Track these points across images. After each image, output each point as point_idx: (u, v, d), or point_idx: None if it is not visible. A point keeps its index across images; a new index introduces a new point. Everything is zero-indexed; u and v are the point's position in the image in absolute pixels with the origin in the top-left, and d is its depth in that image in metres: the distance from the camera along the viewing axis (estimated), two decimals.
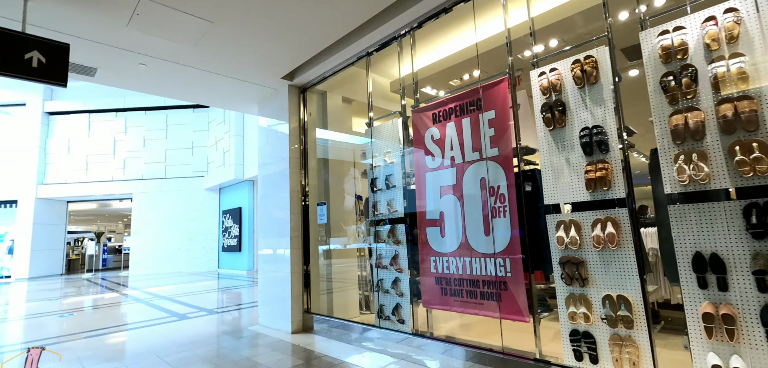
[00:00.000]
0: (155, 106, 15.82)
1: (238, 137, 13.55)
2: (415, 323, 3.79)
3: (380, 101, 5.44)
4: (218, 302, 7.12)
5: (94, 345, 4.36)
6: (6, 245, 15.35)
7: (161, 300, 7.55)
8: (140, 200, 15.39)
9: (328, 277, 4.89)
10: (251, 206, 13.64)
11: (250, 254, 13.40)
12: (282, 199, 4.66)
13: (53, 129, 15.80)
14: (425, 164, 3.77)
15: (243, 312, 5.97)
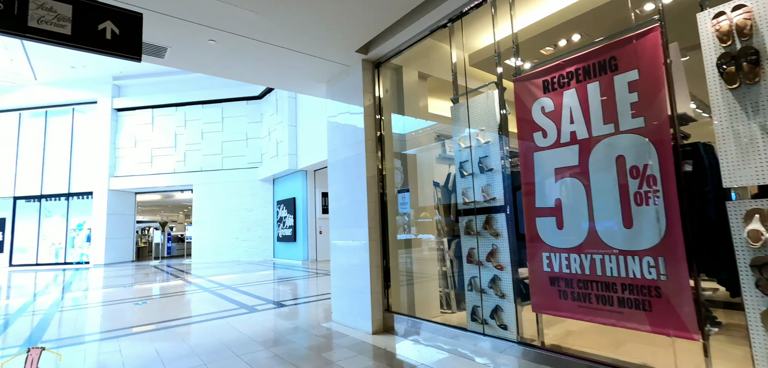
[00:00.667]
0: (211, 99, 16.25)
1: (291, 127, 13.52)
2: (519, 330, 3.23)
3: (459, 78, 4.85)
4: (283, 293, 6.95)
5: (170, 336, 4.23)
6: (84, 233, 16.59)
7: (226, 290, 7.55)
8: (200, 191, 15.94)
9: (404, 271, 4.43)
10: (305, 197, 13.61)
11: (305, 244, 13.39)
12: (357, 186, 4.24)
13: (121, 125, 16.74)
14: (533, 142, 3.15)
15: (311, 306, 5.70)
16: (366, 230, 4.08)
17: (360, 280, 4.13)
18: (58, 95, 16.77)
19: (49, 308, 6.52)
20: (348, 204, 4.40)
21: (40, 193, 16.85)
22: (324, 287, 7.56)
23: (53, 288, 9.26)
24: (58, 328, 5.03)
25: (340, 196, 4.57)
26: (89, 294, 8.02)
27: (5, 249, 16.76)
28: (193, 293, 7.53)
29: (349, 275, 4.33)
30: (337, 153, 4.67)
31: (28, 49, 14.03)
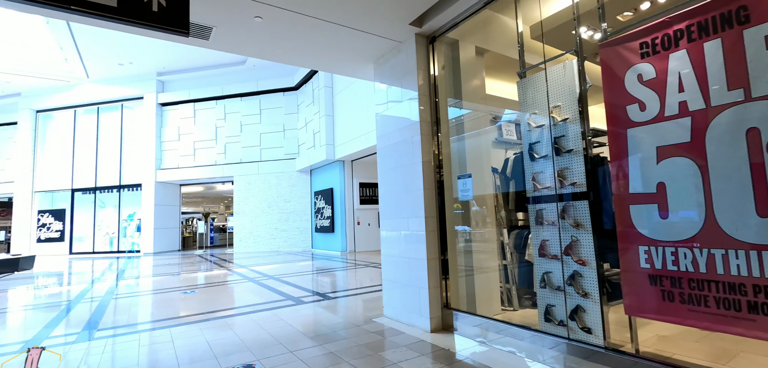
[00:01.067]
0: (249, 92, 16.45)
1: (327, 117, 13.39)
2: (607, 334, 2.80)
3: (514, 52, 4.39)
4: (326, 285, 6.80)
5: (220, 327, 4.13)
6: (135, 223, 17.43)
7: (270, 280, 7.51)
8: (240, 182, 16.26)
9: (462, 265, 4.07)
10: (343, 187, 13.49)
11: (343, 235, 13.30)
12: (411, 173, 3.92)
13: (166, 119, 17.34)
14: (626, 116, 2.69)
15: (358, 299, 5.48)
16: (422, 220, 3.76)
17: (415, 274, 3.83)
18: (108, 91, 17.60)
19: (104, 295, 6.73)
20: (401, 192, 4.09)
21: (94, 185, 17.86)
22: (366, 279, 7.35)
23: (108, 275, 9.69)
24: (114, 315, 5.10)
25: (391, 184, 4.27)
26: (141, 282, 8.27)
27: (65, 238, 17.94)
28: (237, 283, 7.55)
29: (402, 268, 4.03)
30: (388, 138, 4.36)
31: (80, 47, 14.74)
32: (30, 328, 4.63)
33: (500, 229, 4.42)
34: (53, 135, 18.65)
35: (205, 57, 15.87)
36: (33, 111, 18.56)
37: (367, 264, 9.67)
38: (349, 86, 12.59)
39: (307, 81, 15.22)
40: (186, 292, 6.60)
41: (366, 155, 12.80)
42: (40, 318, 5.11)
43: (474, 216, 4.11)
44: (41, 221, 18.18)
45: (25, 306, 6.12)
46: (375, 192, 14.10)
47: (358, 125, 12.07)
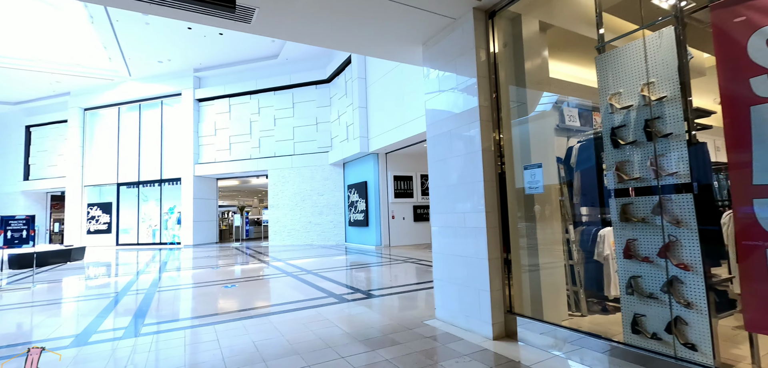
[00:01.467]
0: (282, 85, 16.48)
1: (361, 109, 13.15)
2: (716, 352, 2.36)
3: (582, 27, 3.92)
4: (367, 282, 6.57)
5: (265, 327, 3.96)
6: (175, 216, 18.01)
7: (308, 275, 7.38)
8: (274, 176, 16.39)
9: (526, 264, 3.68)
10: (377, 180, 13.24)
11: (378, 229, 13.08)
12: (469, 163, 3.56)
13: (203, 115, 17.73)
14: (749, 91, 2.21)
15: (403, 298, 5.19)
16: (482, 214, 3.39)
17: (474, 274, 3.48)
18: (149, 89, 18.19)
19: (149, 287, 6.81)
20: (456, 184, 3.74)
21: (137, 179, 18.59)
22: (407, 276, 7.06)
23: (152, 266, 9.95)
24: (158, 309, 5.08)
25: (444, 175, 3.92)
26: (183, 275, 8.38)
27: (112, 230, 18.82)
28: (276, 277, 7.47)
29: (458, 267, 3.69)
30: (440, 126, 4.00)
31: (123, 46, 15.24)
32: (80, 319, 4.66)
33: (565, 224, 3.98)
34: (100, 132, 19.55)
35: (238, 52, 16.04)
36: (81, 109, 19.52)
37: (404, 260, 9.38)
38: (384, 77, 12.28)
39: (340, 73, 15.04)
40: (227, 286, 6.57)
41: (400, 147, 12.48)
42: (90, 309, 5.18)
43: (537, 210, 3.70)
44: (90, 213, 19.16)
45: (77, 297, 6.28)
46: (410, 185, 13.77)
47: (392, 116, 11.76)
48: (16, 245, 7.15)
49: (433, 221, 4.09)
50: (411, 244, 13.47)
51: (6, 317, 5.07)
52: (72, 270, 9.97)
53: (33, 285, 7.37)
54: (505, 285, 3.43)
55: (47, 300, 6.06)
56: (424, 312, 4.34)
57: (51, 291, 6.78)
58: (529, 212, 3.63)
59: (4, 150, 21.75)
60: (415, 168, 13.95)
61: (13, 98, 20.44)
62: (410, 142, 11.61)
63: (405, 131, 10.95)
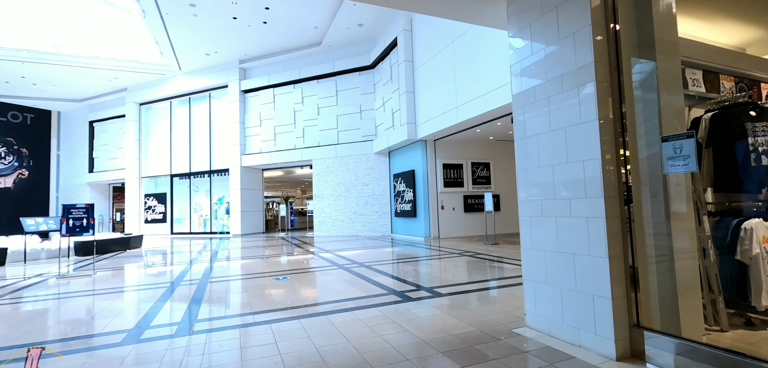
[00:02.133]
0: (326, 73, 16.18)
1: (408, 94, 12.51)
2: None
3: None
4: (427, 277, 5.99)
5: (327, 328, 3.50)
6: (224, 206, 18.42)
7: (361, 268, 6.93)
8: (318, 166, 16.20)
9: (653, 266, 2.91)
10: (425, 169, 12.58)
11: (426, 220, 12.45)
12: (577, 137, 2.85)
13: (249, 105, 17.88)
14: None
15: (475, 298, 4.56)
16: (599, 201, 2.68)
17: (586, 276, 2.78)
18: (198, 82, 18.62)
19: (201, 277, 6.67)
20: (557, 164, 3.04)
21: (189, 171, 19.19)
22: (469, 271, 6.40)
23: (204, 256, 10.00)
24: (211, 304, 4.82)
25: (539, 154, 3.23)
26: (234, 265, 8.25)
27: (167, 220, 19.62)
28: (327, 270, 7.09)
29: (559, 265, 3.00)
30: (533, 95, 3.31)
31: (173, 40, 15.58)
32: (135, 311, 4.48)
33: (697, 215, 3.16)
34: (154, 125, 20.39)
35: (282, 41, 15.91)
36: (137, 104, 20.43)
37: (459, 253, 8.71)
38: (433, 58, 11.54)
39: (384, 57, 14.45)
40: (278, 278, 6.26)
41: (451, 133, 11.72)
42: (144, 300, 5.03)
43: (669, 199, 2.91)
44: (147, 204, 20.09)
45: (133, 285, 6.24)
46: (460, 174, 12.98)
47: (441, 101, 11.02)
48: (78, 233, 7.28)
49: (521, 210, 3.41)
50: (462, 236, 12.73)
51: (67, 305, 5.02)
52: (130, 258, 10.25)
53: (94, 272, 7.51)
54: (631, 290, 2.70)
55: (106, 288, 6.04)
56: (507, 317, 3.69)
57: (110, 279, 6.82)
58: (656, 199, 2.86)
59: (71, 145, 23.37)
60: (466, 155, 13.13)
61: (77, 95, 21.82)
62: (463, 127, 10.83)
63: (458, 115, 10.19)
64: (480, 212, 13.14)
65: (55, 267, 8.92)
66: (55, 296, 5.60)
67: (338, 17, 13.63)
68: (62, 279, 6.99)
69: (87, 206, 7.41)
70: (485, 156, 13.44)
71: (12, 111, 22.00)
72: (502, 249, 8.99)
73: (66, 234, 7.21)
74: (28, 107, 22.40)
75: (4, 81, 19.29)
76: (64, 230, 7.19)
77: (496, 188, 13.48)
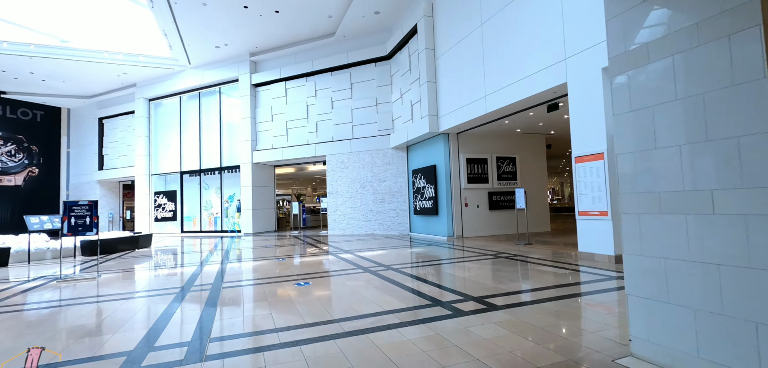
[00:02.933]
0: (340, 65, 15.48)
1: (429, 84, 11.74)
2: None
3: None
4: (472, 284, 5.26)
5: (374, 357, 2.80)
6: (235, 204, 17.86)
7: (389, 271, 6.23)
8: (332, 162, 15.53)
9: None
10: (447, 164, 11.82)
11: (449, 218, 11.70)
12: (714, 107, 2.09)
13: (260, 100, 17.28)
14: None
15: (539, 310, 3.80)
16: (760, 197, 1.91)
17: (743, 297, 2.02)
18: (207, 76, 18.07)
19: (214, 281, 6.03)
20: (688, 144, 2.27)
21: (199, 168, 18.68)
22: (515, 277, 5.64)
23: (215, 256, 9.39)
24: (225, 316, 4.14)
25: (653, 130, 2.47)
26: (247, 267, 7.61)
27: (177, 218, 19.15)
28: (352, 273, 6.39)
29: (697, 281, 2.24)
30: (645, 54, 2.53)
31: (182, 32, 15.02)
32: (140, 326, 3.82)
33: None
34: (163, 121, 19.93)
35: (294, 32, 15.25)
36: (146, 100, 19.97)
37: (493, 254, 7.95)
38: (456, 46, 10.76)
39: (402, 47, 13.70)
40: (300, 283, 5.58)
41: (476, 126, 10.94)
42: (151, 312, 4.39)
43: None
44: (157, 201, 19.65)
45: (140, 291, 5.61)
46: (484, 169, 12.19)
47: (467, 91, 10.24)
48: (80, 233, 6.69)
49: (626, 205, 2.65)
50: (487, 235, 11.95)
51: (62, 316, 4.40)
52: (139, 258, 9.70)
53: (98, 275, 6.91)
54: None
55: (109, 294, 5.42)
56: (599, 340, 2.94)
57: (115, 283, 6.21)
58: None
59: (81, 142, 23.07)
60: (490, 149, 12.33)
61: (87, 92, 21.45)
62: (492, 118, 10.04)
63: (487, 105, 9.41)
64: (506, 210, 12.34)
65: (66, 266, 8.39)
66: (51, 304, 5.00)
67: (354, 5, 12.91)
68: (64, 282, 6.41)
69: (90, 203, 6.82)
70: (511, 150, 12.62)
71: (22, 108, 21.74)
72: (538, 250, 8.21)
73: (68, 234, 6.62)
74: (38, 104, 22.13)
75: (13, 77, 18.97)
76: (65, 229, 6.61)
77: (523, 184, 12.66)
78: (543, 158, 13.33)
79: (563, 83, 7.18)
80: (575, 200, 6.90)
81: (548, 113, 9.12)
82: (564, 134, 12.64)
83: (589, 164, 6.62)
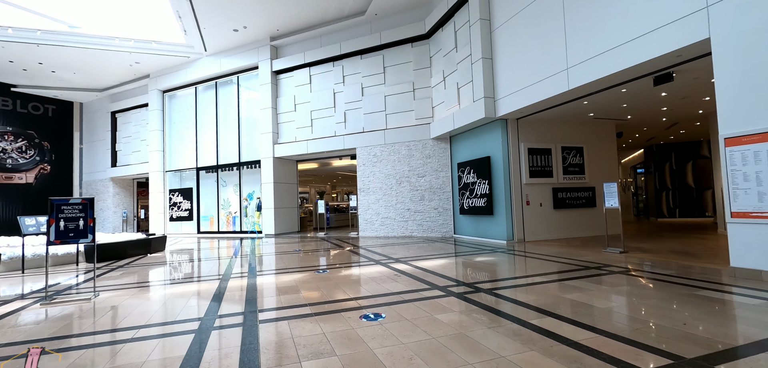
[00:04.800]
0: (371, 47, 13.81)
1: (484, 62, 9.98)
2: None
3: None
4: (627, 322, 3.54)
5: None
6: (254, 202, 16.40)
7: (486, 296, 4.55)
8: (363, 155, 13.90)
9: None
10: (505, 155, 10.06)
11: (508, 218, 9.94)
12: None
13: (282, 88, 15.76)
14: None
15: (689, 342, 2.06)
16: None
17: None
18: (225, 64, 16.63)
19: (245, 312, 4.44)
20: None
21: (216, 163, 17.30)
22: (682, 316, 3.89)
23: (240, 265, 7.87)
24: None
25: None
26: (283, 283, 6.02)
27: (194, 217, 17.82)
28: (432, 298, 4.73)
29: None
30: None
31: (198, 13, 13.57)
32: None
33: None
34: (178, 115, 18.61)
35: (319, 11, 13.64)
36: (159, 92, 18.68)
37: (596, 266, 6.19)
38: (521, 12, 8.98)
39: (446, 22, 11.94)
40: (369, 316, 3.94)
41: (540, 109, 9.16)
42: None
43: None
44: (172, 200, 18.36)
45: (145, 324, 4.06)
46: (548, 161, 10.39)
47: (536, 65, 8.48)
48: (72, 240, 5.19)
49: None
50: (553, 238, 10.16)
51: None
52: (150, 265, 8.24)
53: (95, 294, 5.41)
54: None
55: (99, 333, 3.88)
56: None
57: (113, 313, 4.68)
58: None
59: (94, 138, 21.97)
60: (555, 138, 10.52)
61: (99, 85, 20.30)
62: (570, 98, 8.24)
63: (570, 80, 7.62)
64: (572, 209, 10.52)
65: (62, 276, 6.96)
66: (15, 343, 3.47)
67: None
68: (49, 304, 4.92)
69: (84, 201, 5.31)
70: (577, 138, 10.78)
71: (33, 102, 20.72)
72: (650, 261, 6.42)
73: (56, 241, 5.13)
74: (49, 98, 21.09)
75: (22, 69, 17.88)
76: (52, 235, 5.11)
77: (591, 179, 10.81)
78: (613, 148, 11.44)
79: (702, 40, 5.36)
80: (726, 195, 5.09)
81: (654, 88, 7.28)
82: (643, 117, 10.72)
83: (752, 148, 4.80)
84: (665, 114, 10.61)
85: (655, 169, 16.49)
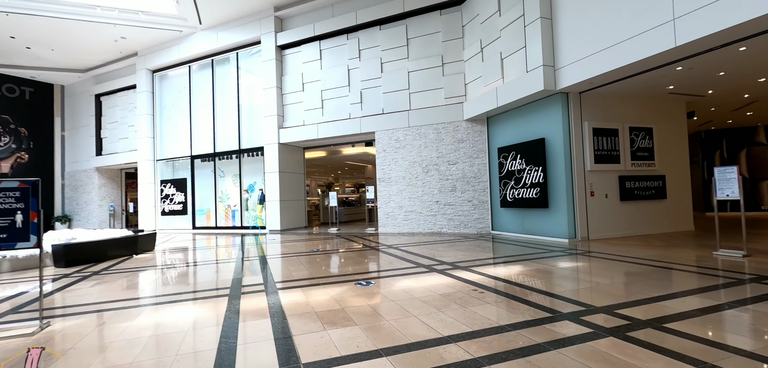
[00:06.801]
0: (392, 16, 12.01)
1: (542, 21, 8.24)
2: None
3: None
4: None
5: None
6: (256, 194, 14.61)
7: (596, 314, 2.86)
8: (383, 140, 12.14)
9: None
10: (566, 136, 8.37)
11: (569, 212, 8.28)
12: None
13: (288, 65, 13.92)
14: None
15: None
16: None
17: None
18: (222, 39, 14.73)
19: (262, 355, 2.72)
20: None
21: (213, 151, 15.45)
22: None
23: (246, 271, 6.13)
24: None
25: None
26: (315, 302, 4.28)
27: (188, 211, 15.99)
28: (561, 332, 3.05)
29: None
30: None
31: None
32: None
33: None
34: (169, 97, 16.69)
35: None
36: (149, 72, 16.74)
37: (735, 280, 4.53)
38: None
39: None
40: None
41: (611, 81, 7.47)
42: None
43: None
44: (164, 192, 16.50)
45: None
46: (614, 144, 8.72)
47: (620, 19, 6.78)
48: (3, 244, 3.40)
49: None
50: (620, 236, 8.52)
51: None
52: (135, 271, 6.46)
53: (40, 325, 3.63)
54: None
55: None
56: None
57: (64, 352, 2.92)
58: None
59: (77, 124, 19.94)
60: (622, 116, 8.85)
61: (81, 65, 18.28)
62: (686, 54, 6.46)
63: (676, 36, 5.92)
64: (641, 201, 8.88)
65: (11, 288, 5.14)
66: None
67: None
68: None
69: (22, 186, 3.52)
70: (646, 119, 9.11)
71: (7, 84, 18.63)
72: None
73: None
74: (26, 79, 19.01)
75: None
76: None
77: (660, 166, 9.17)
78: (683, 131, 9.78)
79: None
80: None
81: None
82: (725, 92, 9.04)
83: None
84: (758, 87, 8.81)
85: (703, 157, 14.93)
